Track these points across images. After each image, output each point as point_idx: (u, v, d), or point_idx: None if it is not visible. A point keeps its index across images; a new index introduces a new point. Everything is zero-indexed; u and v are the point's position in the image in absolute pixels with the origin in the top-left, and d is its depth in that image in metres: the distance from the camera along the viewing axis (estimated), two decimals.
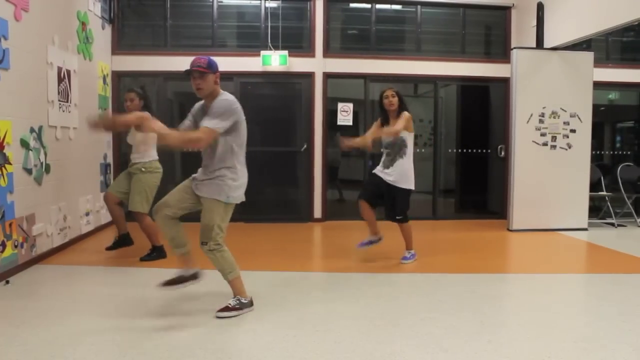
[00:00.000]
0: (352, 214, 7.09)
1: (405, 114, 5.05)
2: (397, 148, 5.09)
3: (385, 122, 5.19)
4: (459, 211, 8.52)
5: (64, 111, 5.63)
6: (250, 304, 3.74)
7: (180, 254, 3.73)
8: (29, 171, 4.87)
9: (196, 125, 3.56)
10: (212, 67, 3.55)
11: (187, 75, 3.55)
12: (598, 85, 7.47)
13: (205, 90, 3.54)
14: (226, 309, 3.62)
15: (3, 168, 4.39)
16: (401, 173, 5.07)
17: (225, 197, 3.55)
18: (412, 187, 5.15)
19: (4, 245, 4.41)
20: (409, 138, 5.11)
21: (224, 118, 3.47)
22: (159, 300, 3.75)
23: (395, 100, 5.07)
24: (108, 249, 5.43)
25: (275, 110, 7.93)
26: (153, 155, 5.13)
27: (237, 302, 3.66)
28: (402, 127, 5.00)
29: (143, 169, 5.05)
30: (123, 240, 5.36)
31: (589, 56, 7.21)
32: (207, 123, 3.43)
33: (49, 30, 5.31)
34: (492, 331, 3.41)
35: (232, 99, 3.57)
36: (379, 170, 5.21)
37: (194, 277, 3.74)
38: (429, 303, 3.97)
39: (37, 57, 5.05)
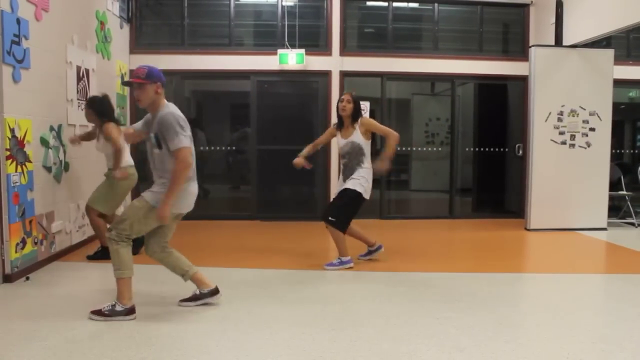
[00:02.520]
0: (368, 212, 7.06)
1: (364, 118, 4.95)
2: (354, 156, 4.89)
3: (340, 127, 5.03)
4: (476, 210, 8.45)
5: (82, 110, 5.68)
6: (126, 312, 3.44)
7: (189, 279, 3.76)
8: (49, 169, 4.94)
9: (147, 131, 3.53)
10: (151, 77, 3.40)
11: (127, 85, 3.44)
12: (618, 83, 7.34)
13: (144, 102, 3.44)
14: (98, 312, 3.46)
15: (23, 166, 4.46)
16: (360, 178, 4.85)
17: (155, 202, 3.41)
18: (365, 194, 4.88)
19: (24, 242, 4.47)
20: (366, 146, 4.90)
21: (183, 130, 3.37)
22: (177, 297, 3.78)
23: (350, 106, 4.88)
24: (90, 258, 5.17)
25: (292, 108, 7.95)
26: (128, 160, 5.02)
27: (110, 309, 3.44)
28: (386, 129, 4.91)
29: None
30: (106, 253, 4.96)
31: (609, 53, 7.11)
32: (172, 146, 3.34)
33: (69, 29, 5.37)
34: (510, 331, 3.38)
35: (178, 113, 3.44)
36: (339, 187, 4.98)
37: (212, 293, 3.76)
38: (445, 302, 3.95)
39: (57, 56, 5.12)
